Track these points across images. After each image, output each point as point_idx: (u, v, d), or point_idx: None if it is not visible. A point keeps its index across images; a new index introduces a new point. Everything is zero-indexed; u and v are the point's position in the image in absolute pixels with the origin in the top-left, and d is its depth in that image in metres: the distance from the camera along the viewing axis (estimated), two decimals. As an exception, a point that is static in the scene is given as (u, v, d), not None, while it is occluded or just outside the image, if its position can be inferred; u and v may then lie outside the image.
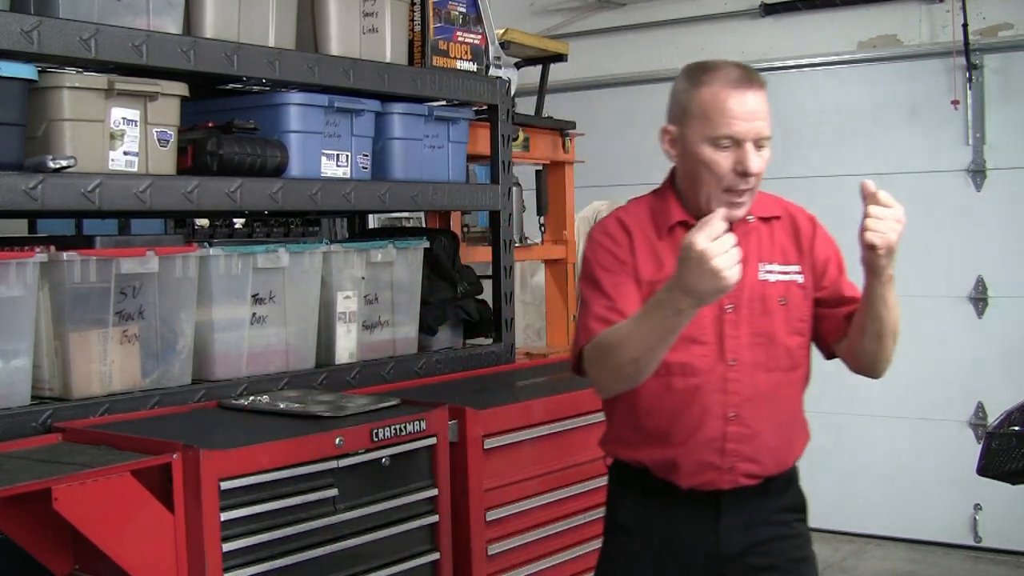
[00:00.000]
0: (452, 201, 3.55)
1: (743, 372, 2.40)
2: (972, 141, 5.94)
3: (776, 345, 2.44)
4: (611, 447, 2.53)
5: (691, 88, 2.41)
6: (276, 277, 2.95)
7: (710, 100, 2.36)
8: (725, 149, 2.35)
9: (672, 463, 2.39)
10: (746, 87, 2.36)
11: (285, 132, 2.99)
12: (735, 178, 2.36)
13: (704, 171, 2.38)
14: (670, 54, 6.76)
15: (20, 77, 2.39)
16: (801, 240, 2.54)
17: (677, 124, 2.44)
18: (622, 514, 2.50)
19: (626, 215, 2.52)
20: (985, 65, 5.92)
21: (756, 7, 6.57)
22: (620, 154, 6.79)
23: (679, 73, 2.49)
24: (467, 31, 3.60)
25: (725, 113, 2.34)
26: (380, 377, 3.16)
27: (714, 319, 2.40)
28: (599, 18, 7.18)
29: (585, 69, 6.81)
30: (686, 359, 2.38)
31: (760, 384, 2.41)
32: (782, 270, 2.49)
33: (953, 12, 5.85)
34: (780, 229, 2.54)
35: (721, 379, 2.39)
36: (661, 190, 2.55)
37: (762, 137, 2.37)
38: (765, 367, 2.42)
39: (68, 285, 2.49)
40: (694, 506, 2.41)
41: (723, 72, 2.38)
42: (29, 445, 2.33)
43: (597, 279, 2.41)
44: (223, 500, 2.21)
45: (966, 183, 5.97)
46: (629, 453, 2.46)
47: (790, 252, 2.52)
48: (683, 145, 2.43)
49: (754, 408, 2.40)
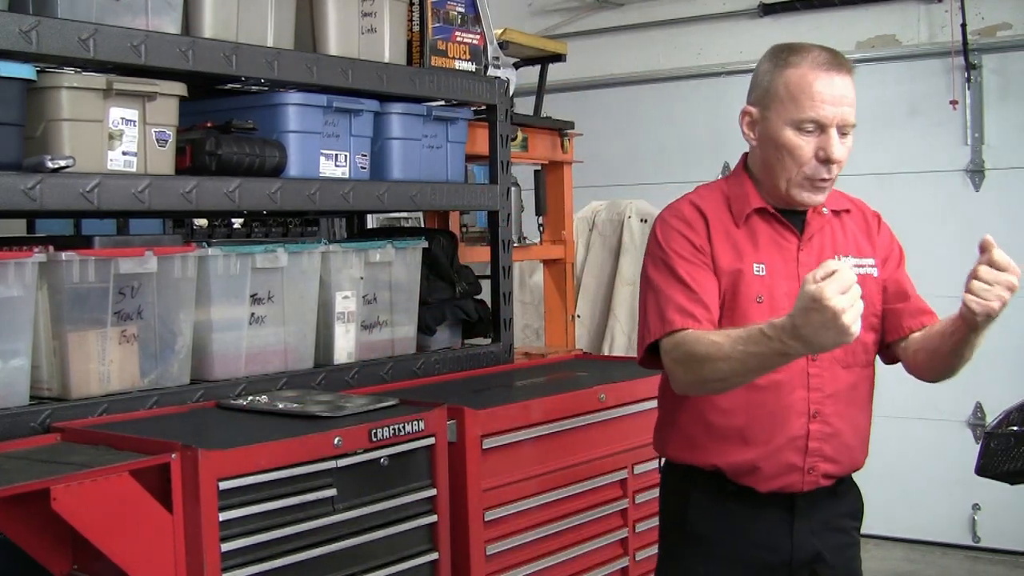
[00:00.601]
0: (451, 201, 3.55)
1: (824, 367, 2.32)
2: (971, 141, 5.94)
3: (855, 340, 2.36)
4: (674, 450, 2.42)
5: (776, 69, 2.31)
6: (275, 277, 2.95)
7: (797, 82, 2.26)
8: (809, 134, 2.26)
9: (752, 466, 2.30)
10: (835, 71, 2.27)
11: (283, 132, 2.99)
12: (817, 165, 2.28)
13: (786, 156, 2.29)
14: (668, 54, 6.76)
15: (18, 77, 2.39)
16: (871, 233, 2.48)
17: (759, 106, 2.34)
18: (695, 521, 2.38)
19: (700, 200, 2.41)
20: (984, 65, 5.92)
21: (754, 7, 6.58)
22: (619, 154, 6.79)
23: (764, 54, 2.39)
24: (466, 31, 3.59)
25: (812, 96, 2.25)
26: (379, 377, 3.16)
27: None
28: (597, 18, 7.19)
29: (584, 69, 6.81)
30: None
31: (840, 380, 2.34)
32: (858, 263, 2.41)
33: (952, 12, 5.85)
34: (851, 222, 2.47)
35: (803, 375, 2.30)
36: (735, 175, 2.45)
37: (847, 124, 2.28)
38: (844, 362, 2.35)
39: (67, 285, 2.49)
40: (770, 510, 2.32)
41: (812, 54, 2.29)
42: (28, 445, 2.33)
43: (673, 267, 2.31)
44: (222, 500, 2.21)
45: (965, 183, 5.97)
46: (699, 456, 2.35)
47: (864, 245, 2.45)
48: (764, 128, 2.32)
49: (835, 405, 2.33)
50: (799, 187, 2.31)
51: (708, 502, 2.37)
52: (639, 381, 3.18)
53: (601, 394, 3.06)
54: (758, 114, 2.34)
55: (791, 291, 2.28)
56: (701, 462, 2.35)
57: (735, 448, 2.30)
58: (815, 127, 2.27)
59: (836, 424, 2.32)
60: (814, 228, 2.41)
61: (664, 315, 2.26)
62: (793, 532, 2.32)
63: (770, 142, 2.32)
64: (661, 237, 2.36)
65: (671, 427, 2.43)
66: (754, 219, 2.36)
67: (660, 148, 6.78)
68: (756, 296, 2.31)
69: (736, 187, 2.41)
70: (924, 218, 5.95)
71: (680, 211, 2.39)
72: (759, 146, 2.37)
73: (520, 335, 5.14)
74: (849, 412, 2.35)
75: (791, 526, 2.32)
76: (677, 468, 2.43)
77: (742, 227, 2.36)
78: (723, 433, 2.31)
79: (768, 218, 2.39)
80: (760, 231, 2.37)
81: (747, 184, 2.40)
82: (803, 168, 2.29)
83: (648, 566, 3.16)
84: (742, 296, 2.31)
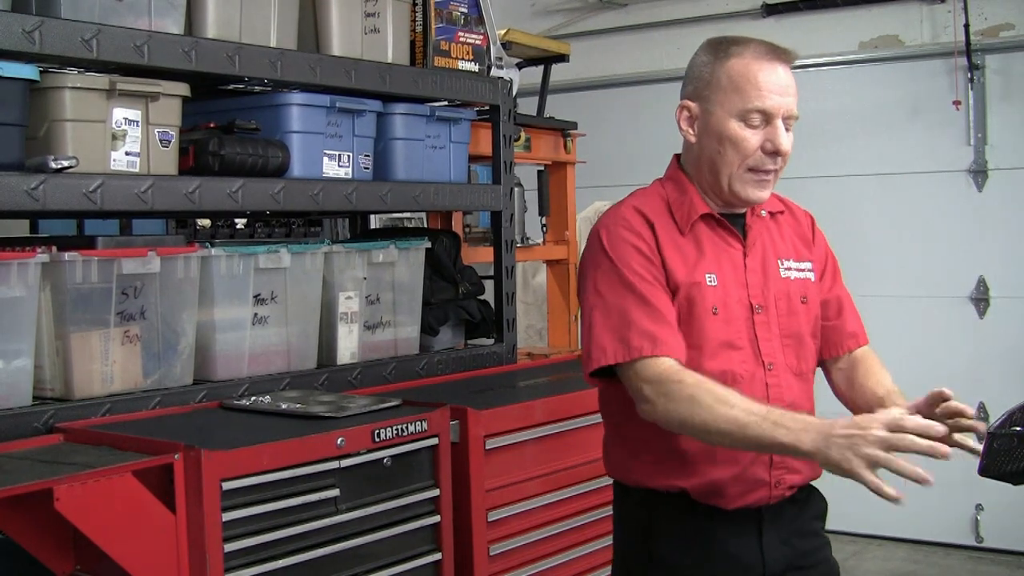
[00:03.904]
0: (454, 201, 3.55)
1: (780, 376, 2.24)
2: (973, 141, 5.94)
3: (804, 347, 2.29)
4: (632, 475, 2.31)
5: (717, 60, 2.23)
6: (278, 277, 2.95)
7: (741, 72, 2.19)
8: (754, 126, 2.19)
9: (718, 485, 2.20)
10: (777, 61, 2.21)
11: (287, 132, 2.99)
12: (763, 157, 2.20)
13: (729, 149, 2.20)
14: (671, 54, 6.76)
15: (22, 77, 2.39)
16: (806, 236, 2.41)
17: (697, 100, 2.25)
18: (660, 548, 2.28)
19: (643, 205, 2.29)
20: (986, 65, 5.92)
21: (758, 7, 6.58)
22: (622, 154, 6.78)
23: (698, 48, 2.31)
24: (469, 31, 3.59)
25: (758, 85, 2.17)
26: (382, 377, 3.16)
27: (745, 321, 2.24)
28: (600, 19, 7.19)
29: (587, 69, 6.82)
30: (727, 367, 2.20)
31: (795, 389, 2.26)
32: (798, 267, 2.34)
33: (954, 12, 5.85)
34: (786, 224, 2.39)
35: (762, 386, 2.22)
36: (672, 179, 2.35)
37: (792, 115, 2.22)
38: (796, 370, 2.28)
39: (69, 285, 2.49)
40: (738, 527, 2.23)
41: (753, 44, 2.22)
42: (30, 445, 2.33)
43: (628, 282, 2.19)
44: (224, 500, 2.21)
45: (967, 183, 5.97)
46: (661, 479, 2.25)
47: (800, 248, 2.38)
48: (705, 122, 2.24)
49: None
50: (742, 181, 2.22)
51: (672, 525, 2.26)
52: (642, 381, 3.18)
53: (604, 394, 3.05)
54: (697, 108, 2.25)
55: (742, 299, 2.23)
56: (664, 485, 2.25)
57: (702, 469, 2.21)
58: (761, 118, 2.19)
59: None
60: (756, 233, 2.32)
61: (626, 338, 2.15)
62: (763, 545, 2.25)
63: (712, 136, 2.23)
64: (609, 247, 2.24)
65: (627, 451, 2.32)
66: (699, 226, 2.27)
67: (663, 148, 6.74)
68: (712, 308, 2.22)
69: (676, 192, 2.31)
70: (927, 219, 5.95)
71: (626, 219, 2.27)
72: (698, 142, 2.27)
73: (523, 335, 5.14)
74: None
75: (760, 539, 2.25)
76: (634, 492, 2.32)
77: (687, 234, 2.26)
78: (690, 455, 2.21)
79: (712, 224, 2.29)
80: (704, 238, 2.27)
81: (689, 188, 2.30)
82: (746, 160, 2.20)
83: (651, 567, 3.17)
84: (698, 308, 2.21)
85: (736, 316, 2.21)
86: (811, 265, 2.37)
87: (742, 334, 2.23)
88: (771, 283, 2.28)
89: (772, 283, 2.29)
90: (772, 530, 2.26)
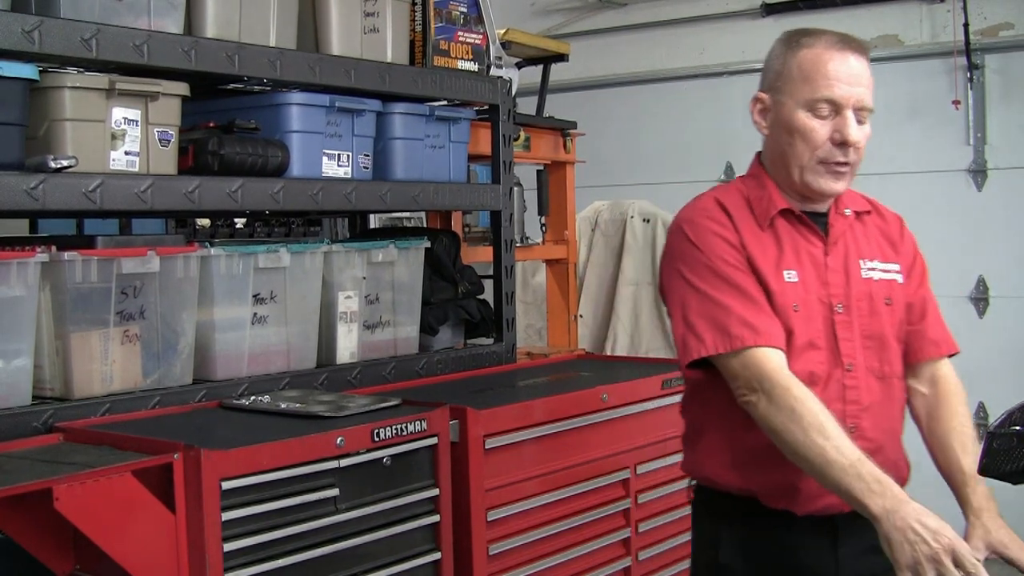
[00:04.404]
0: (453, 201, 3.55)
1: (860, 378, 2.19)
2: (973, 141, 5.94)
3: (888, 349, 2.23)
4: (706, 471, 2.26)
5: (789, 51, 2.20)
6: (277, 277, 2.95)
7: (811, 62, 2.16)
8: (823, 116, 2.14)
9: (790, 487, 2.14)
10: (849, 51, 2.16)
11: (286, 132, 2.99)
12: (832, 149, 2.15)
13: (798, 140, 2.16)
14: (671, 54, 6.76)
15: (21, 77, 2.39)
16: (894, 238, 2.35)
17: (770, 91, 2.22)
18: (725, 552, 2.23)
19: (723, 198, 2.26)
20: (986, 65, 5.92)
21: (757, 7, 6.57)
22: (621, 154, 6.79)
23: (775, 42, 2.28)
24: (468, 31, 3.59)
25: (826, 75, 2.14)
26: (381, 377, 3.16)
27: (824, 321, 2.19)
28: (600, 18, 7.19)
29: (586, 69, 6.82)
30: (807, 367, 2.15)
31: (875, 391, 2.20)
32: (883, 268, 2.29)
33: (954, 12, 5.85)
34: (872, 224, 2.33)
35: (839, 387, 2.17)
36: (753, 176, 2.31)
37: (864, 107, 2.17)
38: (879, 372, 2.22)
39: (69, 285, 2.49)
40: (810, 534, 2.17)
41: (826, 35, 2.19)
42: (30, 445, 2.33)
43: (720, 271, 2.15)
44: (224, 500, 2.21)
45: (967, 183, 5.97)
46: (731, 478, 2.21)
47: (887, 250, 2.32)
48: (776, 114, 2.21)
49: (872, 418, 2.19)
50: (814, 173, 2.18)
51: (742, 532, 2.21)
52: (641, 381, 3.18)
53: (603, 394, 3.06)
54: (770, 100, 2.23)
55: (822, 297, 2.18)
56: (735, 485, 2.21)
57: (771, 467, 2.14)
58: (830, 108, 2.15)
59: (876, 438, 2.18)
60: (838, 232, 2.27)
61: (725, 328, 2.11)
62: (838, 558, 2.17)
63: (782, 127, 2.20)
64: (695, 238, 2.21)
65: (701, 446, 2.29)
66: (778, 222, 2.24)
67: (662, 148, 6.78)
68: (792, 304, 2.17)
69: (756, 188, 2.28)
70: (926, 218, 5.93)
71: (707, 210, 2.25)
72: (771, 134, 2.25)
73: (522, 335, 5.14)
74: (889, 425, 2.22)
75: (835, 551, 2.17)
76: (708, 495, 2.28)
77: (767, 230, 2.23)
78: (758, 452, 2.15)
79: (792, 220, 2.25)
80: (784, 234, 2.24)
81: (768, 184, 2.26)
82: (816, 152, 2.17)
83: (650, 566, 3.17)
84: (778, 305, 2.17)
85: (815, 314, 2.17)
86: (898, 267, 2.32)
87: (821, 333, 2.19)
88: (853, 283, 2.23)
89: (854, 283, 2.23)
90: (850, 542, 2.17)
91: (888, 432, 2.23)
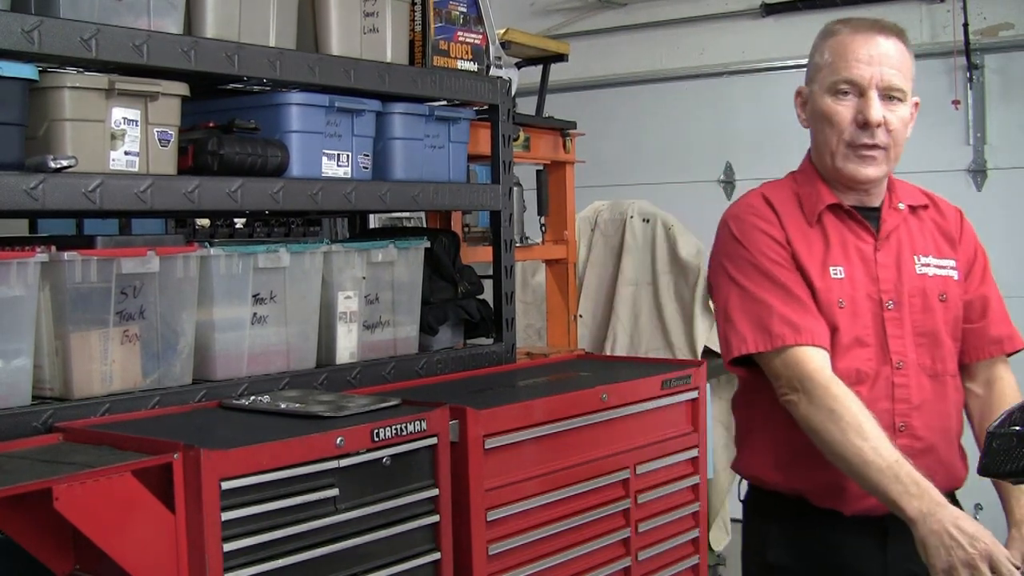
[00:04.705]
0: (453, 201, 3.55)
1: (910, 376, 2.16)
2: (973, 141, 5.95)
3: (941, 346, 2.20)
4: (754, 470, 2.27)
5: (821, 41, 2.21)
6: (277, 277, 2.95)
7: (836, 47, 2.16)
8: (846, 97, 2.13)
9: (837, 486, 2.13)
10: (878, 33, 2.16)
11: (286, 132, 2.99)
12: (856, 131, 2.14)
13: (825, 126, 2.15)
14: (671, 54, 6.77)
15: (21, 77, 2.39)
16: (952, 232, 2.32)
17: (808, 83, 2.23)
18: (773, 552, 2.23)
19: (769, 194, 2.25)
20: (986, 65, 5.94)
21: (757, 7, 6.58)
22: (621, 154, 6.79)
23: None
24: (468, 31, 3.59)
25: (846, 56, 2.13)
26: (381, 377, 3.16)
27: (874, 317, 2.17)
28: (600, 18, 7.19)
29: (586, 69, 6.83)
30: (853, 364, 2.14)
31: (927, 390, 2.17)
32: (938, 263, 2.26)
33: (954, 12, 5.87)
34: (929, 219, 2.31)
35: (888, 385, 2.16)
36: (803, 172, 2.29)
37: (891, 87, 2.14)
38: (931, 371, 2.19)
39: (69, 285, 2.49)
40: (858, 534, 2.16)
41: (855, 20, 2.18)
42: (30, 445, 2.33)
43: (765, 269, 2.14)
44: (224, 500, 2.21)
45: (967, 183, 5.98)
46: (778, 477, 2.21)
47: (943, 245, 2.29)
48: (812, 104, 2.21)
49: (923, 417, 2.16)
50: (844, 158, 2.16)
51: (791, 532, 2.20)
52: (641, 381, 3.18)
53: (603, 394, 3.06)
54: (807, 92, 2.22)
55: (872, 294, 2.16)
56: (783, 485, 2.20)
57: (818, 466, 2.12)
58: (852, 90, 2.12)
59: (927, 438, 2.16)
60: (890, 226, 2.25)
61: (767, 326, 2.11)
62: (887, 560, 2.15)
63: (815, 115, 2.19)
64: (740, 236, 2.20)
65: (754, 445, 2.28)
66: (827, 217, 2.21)
67: (662, 148, 6.78)
68: (838, 301, 2.15)
69: (805, 184, 2.25)
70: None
71: (753, 207, 2.24)
72: (809, 126, 2.23)
73: (522, 335, 5.14)
74: (941, 425, 2.18)
75: (883, 552, 2.15)
76: (757, 495, 2.28)
77: (815, 226, 2.20)
78: (804, 451, 2.13)
79: (841, 215, 2.22)
80: (832, 230, 2.22)
81: (817, 180, 2.24)
82: (842, 135, 2.14)
83: (650, 566, 3.17)
84: (823, 301, 2.15)
85: (863, 311, 2.14)
86: (954, 263, 2.28)
87: (869, 330, 2.16)
88: (905, 279, 2.20)
89: (906, 279, 2.20)
90: (899, 543, 2.12)
91: (941, 432, 2.20)
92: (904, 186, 2.25)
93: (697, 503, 3.22)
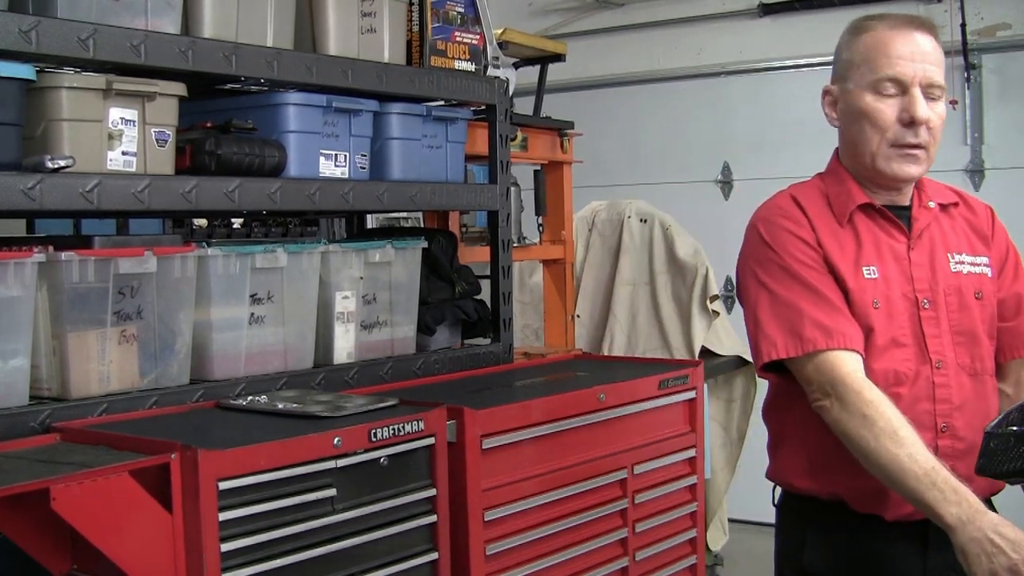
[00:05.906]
0: (450, 201, 3.55)
1: (951, 376, 2.12)
2: (970, 141, 5.96)
3: (979, 344, 2.17)
4: (788, 476, 2.22)
5: (853, 38, 2.17)
6: (274, 277, 2.95)
7: (873, 43, 2.12)
8: (889, 96, 2.10)
9: (879, 491, 2.08)
10: (914, 29, 2.13)
11: (283, 132, 2.99)
12: (901, 130, 2.11)
13: (866, 124, 2.11)
14: (668, 54, 6.77)
15: (18, 77, 2.39)
16: (984, 230, 2.28)
17: (838, 81, 2.19)
18: (810, 557, 2.18)
19: (798, 195, 2.22)
20: (983, 65, 5.94)
21: (754, 7, 6.59)
22: (618, 154, 6.79)
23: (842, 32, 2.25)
24: (465, 31, 3.59)
25: (888, 54, 2.10)
26: (378, 377, 3.15)
27: (910, 316, 2.13)
28: (597, 18, 7.19)
29: (583, 69, 6.83)
30: (891, 365, 2.10)
31: (967, 389, 2.14)
32: (972, 261, 2.22)
33: (951, 12, 5.87)
34: (960, 216, 2.27)
35: (928, 385, 2.11)
36: (831, 172, 2.26)
37: (933, 83, 2.12)
38: (970, 370, 2.15)
39: (66, 285, 2.49)
40: (899, 541, 2.12)
41: (889, 17, 2.15)
42: (27, 445, 2.33)
43: (796, 273, 2.10)
44: (221, 500, 2.20)
45: (965, 183, 5.98)
46: (814, 483, 2.16)
47: (976, 242, 2.25)
48: (845, 103, 2.17)
49: (966, 417, 2.13)
50: (886, 158, 2.12)
51: (828, 537, 2.16)
52: (638, 381, 3.18)
53: (601, 394, 3.06)
54: (838, 90, 2.18)
55: (907, 293, 2.12)
56: (823, 490, 2.16)
57: (859, 472, 2.07)
58: (895, 87, 2.10)
59: (969, 438, 2.11)
60: (922, 224, 2.21)
61: (798, 331, 2.07)
62: (927, 565, 2.12)
63: (851, 114, 2.15)
64: (770, 238, 2.16)
65: (788, 451, 2.23)
66: (858, 217, 2.18)
67: (660, 148, 6.79)
68: (872, 301, 2.11)
69: (834, 184, 2.22)
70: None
71: (782, 208, 2.21)
72: (842, 125, 2.20)
73: (520, 335, 5.14)
74: (983, 424, 2.09)
75: (923, 561, 2.11)
76: (793, 500, 2.23)
77: (846, 226, 2.17)
78: (844, 456, 2.08)
79: (873, 215, 2.19)
80: (864, 229, 2.18)
81: (847, 179, 2.20)
82: (886, 134, 2.10)
83: (647, 566, 3.17)
84: (857, 303, 2.11)
85: (899, 311, 2.11)
86: (987, 260, 2.25)
87: (906, 330, 2.13)
88: (940, 277, 2.17)
89: (941, 277, 2.17)
90: (939, 551, 2.08)
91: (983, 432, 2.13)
92: (933, 184, 2.22)
93: (695, 503, 3.23)
